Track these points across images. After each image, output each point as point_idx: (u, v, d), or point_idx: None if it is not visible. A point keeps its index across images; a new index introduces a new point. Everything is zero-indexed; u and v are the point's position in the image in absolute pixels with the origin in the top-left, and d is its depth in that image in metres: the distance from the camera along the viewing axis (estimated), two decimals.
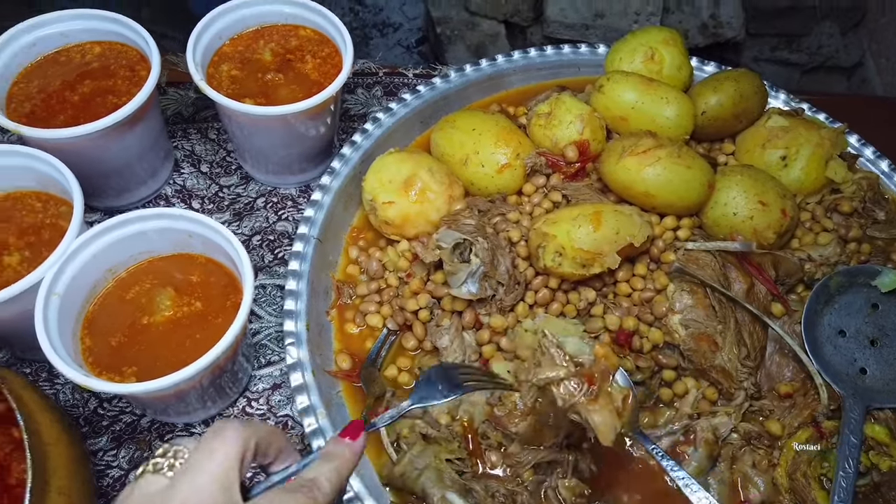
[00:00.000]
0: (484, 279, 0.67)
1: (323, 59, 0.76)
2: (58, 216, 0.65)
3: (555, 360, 0.54)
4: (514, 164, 0.76)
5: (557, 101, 0.79)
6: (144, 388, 0.54)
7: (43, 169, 0.63)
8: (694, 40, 1.43)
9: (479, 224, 0.71)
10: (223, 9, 0.74)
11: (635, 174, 0.71)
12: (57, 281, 0.57)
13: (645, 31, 0.85)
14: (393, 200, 0.73)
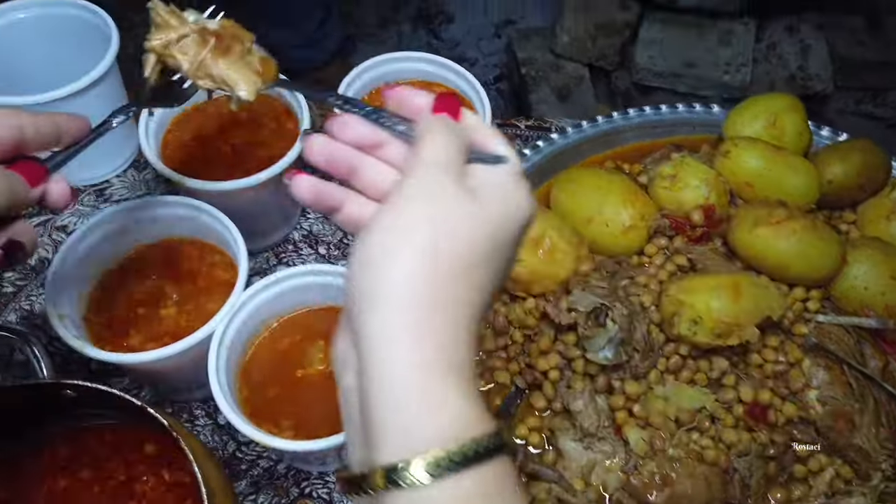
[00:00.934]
0: (621, 345, 0.68)
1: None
2: (213, 265, 0.67)
3: (171, 23, 0.46)
4: (638, 226, 0.77)
5: (682, 163, 0.80)
6: (305, 447, 0.55)
7: (203, 219, 0.66)
8: (781, 91, 1.43)
9: (612, 287, 0.72)
10: (368, 65, 0.77)
11: (769, 244, 0.72)
12: (225, 334, 0.59)
13: (767, 97, 0.86)
14: (522, 259, 0.74)
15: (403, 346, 0.31)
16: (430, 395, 0.30)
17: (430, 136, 0.36)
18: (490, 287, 0.35)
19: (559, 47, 1.50)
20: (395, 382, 0.30)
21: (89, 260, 0.64)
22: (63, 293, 0.60)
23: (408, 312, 0.31)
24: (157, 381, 0.68)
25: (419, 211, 0.33)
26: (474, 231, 0.34)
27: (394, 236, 0.33)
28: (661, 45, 1.43)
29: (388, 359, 0.31)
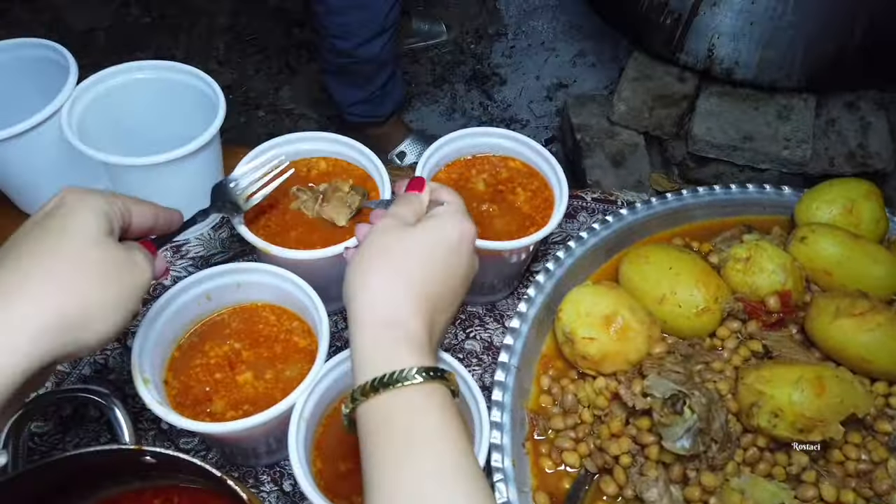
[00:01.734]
0: (699, 435, 0.66)
1: (533, 193, 0.78)
2: (290, 331, 0.68)
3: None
4: (712, 308, 0.76)
5: (756, 246, 0.80)
6: None
7: (286, 287, 0.66)
8: (840, 168, 1.42)
9: (688, 373, 0.70)
10: (448, 138, 0.78)
11: (851, 337, 0.70)
12: (305, 406, 0.59)
13: (844, 183, 0.85)
14: (594, 336, 0.73)
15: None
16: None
17: (394, 204, 0.56)
18: (438, 288, 0.51)
19: (616, 115, 1.52)
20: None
21: (173, 324, 0.65)
22: (147, 356, 0.61)
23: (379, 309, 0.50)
24: (227, 445, 0.68)
25: (375, 241, 0.52)
26: (416, 246, 0.51)
27: (361, 263, 0.51)
28: (719, 118, 1.43)
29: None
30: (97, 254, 0.46)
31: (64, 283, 0.44)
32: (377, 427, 0.45)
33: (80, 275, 0.45)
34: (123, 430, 0.58)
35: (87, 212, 0.48)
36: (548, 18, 2.12)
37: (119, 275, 0.47)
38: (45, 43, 0.79)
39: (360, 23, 1.52)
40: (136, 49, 2.23)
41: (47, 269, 0.45)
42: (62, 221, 0.47)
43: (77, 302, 0.45)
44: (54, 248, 0.46)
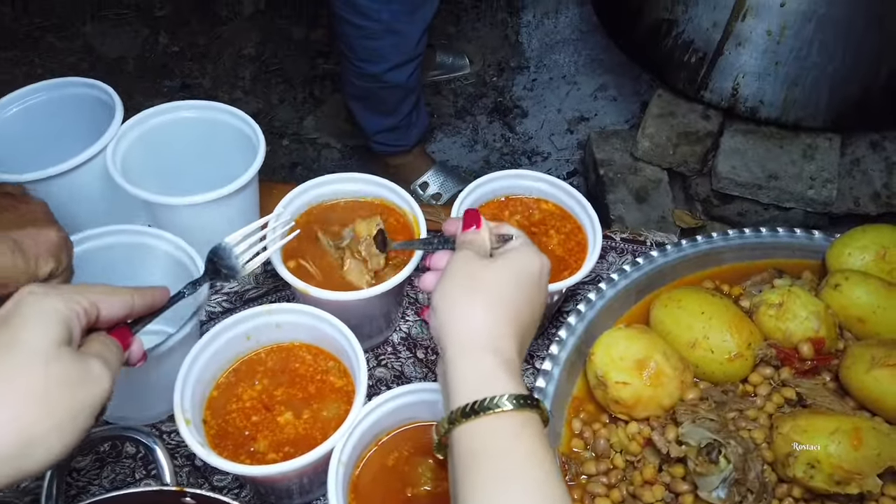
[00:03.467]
0: (734, 485, 0.66)
1: (566, 236, 0.79)
2: (325, 371, 0.68)
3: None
4: (745, 354, 0.76)
5: (790, 293, 0.79)
6: None
7: (322, 327, 0.67)
8: (865, 208, 1.42)
9: (723, 421, 0.70)
10: (485, 179, 0.79)
11: (888, 387, 0.70)
12: (344, 449, 0.59)
13: (876, 229, 0.85)
14: (627, 381, 0.73)
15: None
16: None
17: (460, 244, 0.57)
18: (525, 314, 0.53)
19: (640, 151, 1.53)
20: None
21: (213, 363, 0.65)
22: (188, 395, 0.62)
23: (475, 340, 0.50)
24: (262, 485, 0.68)
25: (459, 273, 0.53)
26: (501, 279, 0.52)
27: (445, 294, 0.52)
28: (743, 156, 1.44)
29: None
30: (43, 373, 0.43)
31: (2, 414, 0.41)
32: (470, 452, 0.46)
33: (19, 403, 0.41)
34: (164, 471, 0.59)
35: (41, 322, 0.44)
36: (569, 52, 2.14)
37: (70, 394, 0.43)
38: (92, 82, 0.81)
39: (391, 47, 1.54)
40: (164, 77, 2.28)
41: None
42: (12, 334, 0.44)
43: (17, 434, 0.41)
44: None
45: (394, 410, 0.64)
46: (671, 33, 1.45)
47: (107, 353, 0.48)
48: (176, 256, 0.72)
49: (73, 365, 0.44)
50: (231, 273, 0.64)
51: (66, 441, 0.43)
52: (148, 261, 0.73)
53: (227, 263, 0.64)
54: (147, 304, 0.54)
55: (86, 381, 0.44)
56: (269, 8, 2.44)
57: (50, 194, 0.77)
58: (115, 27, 2.43)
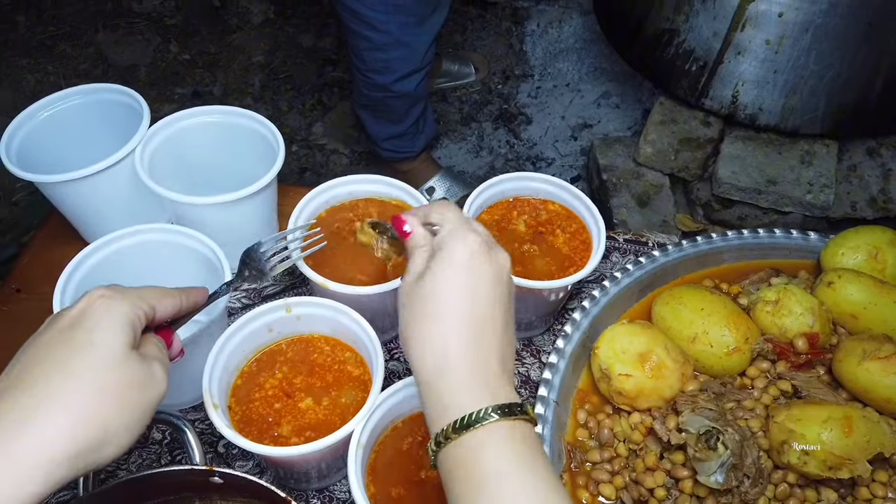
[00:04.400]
0: (732, 470, 0.69)
1: (572, 235, 0.83)
2: (343, 361, 0.72)
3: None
4: (742, 348, 0.80)
5: (786, 290, 0.83)
6: None
7: (342, 320, 0.71)
8: (863, 212, 1.45)
9: (721, 411, 0.74)
10: (493, 181, 0.83)
11: (878, 379, 0.73)
12: (363, 432, 0.63)
13: (869, 230, 0.89)
14: (630, 373, 0.77)
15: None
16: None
17: (410, 259, 0.56)
18: (463, 304, 0.50)
19: (642, 157, 1.57)
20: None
21: (237, 353, 0.69)
22: (215, 383, 0.65)
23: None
24: (282, 469, 0.71)
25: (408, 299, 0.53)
26: (434, 287, 0.51)
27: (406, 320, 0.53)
28: (743, 162, 1.48)
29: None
30: (117, 375, 0.46)
31: (80, 411, 0.44)
32: (456, 466, 0.47)
33: (97, 401, 0.45)
34: (195, 452, 0.62)
35: (112, 325, 0.47)
36: (573, 61, 2.18)
37: (137, 395, 0.47)
38: (120, 88, 0.85)
39: (400, 59, 1.59)
40: (175, 84, 2.33)
41: (64, 395, 0.44)
42: (87, 336, 0.46)
43: (92, 430, 0.44)
44: (74, 369, 0.45)
45: (408, 398, 0.67)
46: (672, 42, 1.50)
47: (161, 354, 0.51)
48: (202, 253, 0.75)
49: (139, 367, 0.48)
50: (258, 275, 0.68)
51: (132, 437, 0.47)
52: (175, 257, 0.76)
53: (258, 266, 0.68)
54: (191, 305, 0.57)
55: (150, 382, 0.48)
56: (278, 16, 2.49)
57: (80, 194, 0.81)
58: (127, 35, 2.48)
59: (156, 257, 0.76)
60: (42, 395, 0.44)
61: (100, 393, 0.45)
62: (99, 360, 0.46)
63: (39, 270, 0.90)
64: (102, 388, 0.45)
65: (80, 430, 0.44)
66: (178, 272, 0.77)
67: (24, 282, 0.90)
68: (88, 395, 0.45)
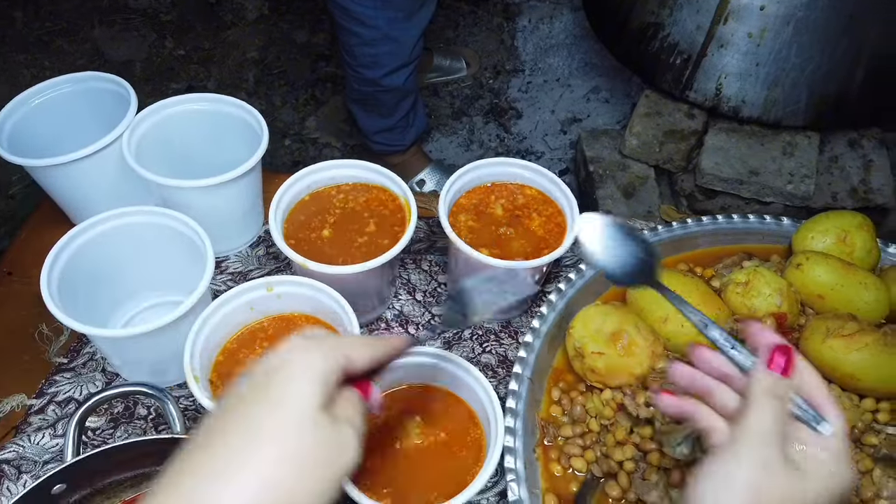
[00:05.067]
0: (696, 442, 0.71)
1: (547, 218, 0.85)
2: None
3: None
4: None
5: (755, 272, 0.85)
6: None
7: (320, 298, 0.73)
8: (843, 203, 1.48)
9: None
10: (472, 166, 0.85)
11: (841, 356, 0.75)
12: None
13: (838, 214, 0.91)
14: (602, 351, 0.79)
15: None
16: None
17: (758, 404, 0.47)
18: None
19: (627, 149, 1.59)
20: None
21: (219, 331, 0.71)
22: (196, 358, 0.68)
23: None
24: None
25: (745, 476, 0.44)
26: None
27: (724, 488, 0.45)
28: (726, 153, 1.50)
29: None
30: (308, 441, 0.43)
31: (267, 478, 0.41)
32: None
33: (285, 469, 0.42)
34: (176, 422, 0.64)
35: (305, 384, 0.44)
36: (563, 56, 2.21)
37: (323, 467, 0.43)
38: (109, 76, 0.88)
39: (388, 54, 1.61)
40: (170, 80, 2.35)
41: (252, 459, 0.42)
42: (279, 394, 0.44)
43: (278, 497, 0.41)
44: (265, 431, 0.42)
45: (384, 373, 0.70)
46: (657, 36, 1.52)
47: (355, 415, 0.48)
48: (186, 234, 0.78)
49: (330, 433, 0.44)
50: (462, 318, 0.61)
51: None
52: (160, 239, 0.79)
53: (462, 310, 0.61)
54: (390, 355, 0.54)
55: (338, 452, 0.45)
56: (272, 13, 2.52)
57: (69, 179, 0.84)
58: (123, 31, 2.50)
59: (141, 239, 0.78)
60: (232, 458, 0.42)
61: (288, 461, 0.42)
62: (290, 423, 0.43)
63: (30, 254, 0.92)
64: (291, 455, 0.42)
65: (266, 496, 0.41)
66: (162, 253, 0.80)
67: (15, 266, 0.92)
68: (277, 461, 0.42)
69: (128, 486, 0.68)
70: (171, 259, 0.79)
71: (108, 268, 0.79)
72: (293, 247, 0.78)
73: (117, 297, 0.83)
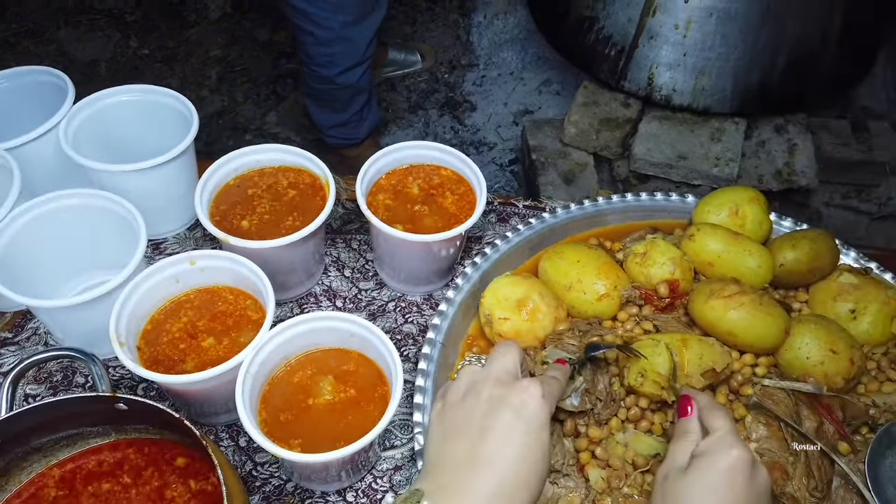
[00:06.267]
0: (585, 394, 0.79)
1: (460, 196, 0.92)
2: (245, 308, 0.81)
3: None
4: (611, 294, 0.89)
5: (652, 243, 0.93)
6: (309, 459, 0.67)
7: (241, 270, 0.79)
8: (769, 184, 1.56)
9: (581, 345, 0.83)
10: (391, 148, 0.92)
11: (721, 314, 0.83)
12: (252, 364, 0.72)
13: (732, 190, 0.98)
14: (508, 317, 0.86)
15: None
16: None
17: (676, 440, 0.67)
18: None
19: (567, 138, 1.66)
20: None
21: (145, 302, 0.77)
22: (122, 326, 0.74)
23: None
24: (192, 404, 0.80)
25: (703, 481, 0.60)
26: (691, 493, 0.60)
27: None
28: (658, 139, 1.58)
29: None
30: (544, 464, 0.62)
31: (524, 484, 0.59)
32: None
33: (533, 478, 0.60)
34: (100, 381, 0.70)
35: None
36: (517, 50, 2.28)
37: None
38: (48, 70, 0.93)
39: (342, 54, 1.68)
40: (134, 79, 2.37)
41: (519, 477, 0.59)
42: (533, 429, 0.62)
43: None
44: (528, 458, 0.60)
45: (300, 335, 0.76)
46: (593, 29, 1.59)
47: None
48: (121, 215, 0.84)
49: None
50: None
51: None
52: (98, 219, 0.84)
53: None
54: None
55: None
56: (235, 11, 2.57)
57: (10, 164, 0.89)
58: (88, 32, 2.54)
59: (79, 219, 0.84)
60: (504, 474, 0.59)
61: (533, 475, 0.60)
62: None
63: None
64: (536, 471, 0.60)
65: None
66: (100, 234, 0.85)
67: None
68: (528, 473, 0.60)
69: (63, 445, 0.74)
70: (110, 239, 0.85)
71: (50, 246, 0.84)
72: (221, 226, 0.84)
73: (62, 274, 0.89)
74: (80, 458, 0.74)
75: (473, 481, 0.57)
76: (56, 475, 0.73)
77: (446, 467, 0.60)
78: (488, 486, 0.57)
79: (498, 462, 0.58)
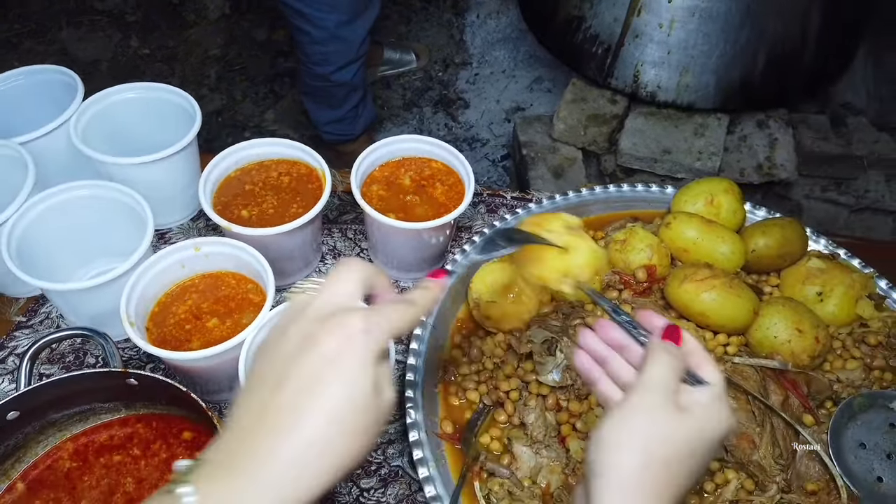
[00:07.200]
0: (566, 371, 0.84)
1: (449, 187, 0.97)
2: (246, 291, 0.86)
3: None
4: (593, 280, 0.94)
5: (632, 231, 0.98)
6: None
7: (243, 256, 0.84)
8: (750, 178, 1.61)
9: (564, 326, 0.88)
10: (384, 142, 0.97)
11: (693, 297, 0.88)
12: (253, 343, 0.77)
13: (708, 181, 1.04)
14: (495, 301, 0.91)
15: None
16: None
17: (655, 361, 0.53)
18: (686, 482, 0.50)
19: (556, 133, 1.72)
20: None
21: (153, 285, 0.82)
22: (132, 307, 0.79)
23: (630, 497, 0.49)
24: (198, 381, 0.85)
25: (641, 422, 0.51)
26: (680, 441, 0.50)
27: (621, 435, 0.50)
28: (644, 134, 1.63)
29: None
30: (362, 419, 0.46)
31: (319, 436, 0.45)
32: None
33: (334, 427, 0.45)
34: (113, 358, 0.75)
35: (366, 371, 0.47)
36: (509, 49, 2.33)
37: (369, 436, 0.47)
38: (58, 69, 0.98)
39: (337, 52, 1.74)
40: (135, 78, 2.42)
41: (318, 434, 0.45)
42: (344, 378, 0.46)
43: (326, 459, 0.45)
44: (331, 411, 0.45)
45: None
46: (581, 28, 1.65)
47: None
48: (130, 205, 0.89)
49: (376, 408, 0.48)
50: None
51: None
52: (108, 209, 0.90)
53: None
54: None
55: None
56: (234, 11, 2.62)
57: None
58: (90, 32, 2.59)
59: (90, 208, 0.89)
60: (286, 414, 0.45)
61: (347, 435, 0.46)
62: (360, 401, 0.46)
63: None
64: (352, 431, 0.46)
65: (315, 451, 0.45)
66: (111, 223, 0.90)
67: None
68: (328, 422, 0.45)
69: (77, 420, 0.79)
70: (119, 228, 0.90)
71: (63, 235, 0.89)
72: (223, 216, 0.89)
73: (75, 261, 0.94)
74: (93, 432, 0.79)
75: (263, 444, 0.44)
76: (70, 448, 0.78)
77: (241, 428, 0.46)
78: (284, 451, 0.44)
79: (299, 419, 0.45)
